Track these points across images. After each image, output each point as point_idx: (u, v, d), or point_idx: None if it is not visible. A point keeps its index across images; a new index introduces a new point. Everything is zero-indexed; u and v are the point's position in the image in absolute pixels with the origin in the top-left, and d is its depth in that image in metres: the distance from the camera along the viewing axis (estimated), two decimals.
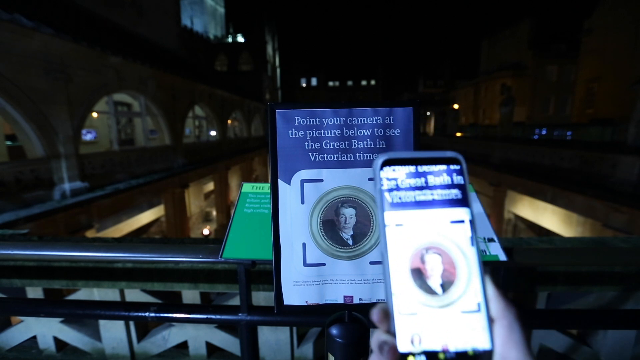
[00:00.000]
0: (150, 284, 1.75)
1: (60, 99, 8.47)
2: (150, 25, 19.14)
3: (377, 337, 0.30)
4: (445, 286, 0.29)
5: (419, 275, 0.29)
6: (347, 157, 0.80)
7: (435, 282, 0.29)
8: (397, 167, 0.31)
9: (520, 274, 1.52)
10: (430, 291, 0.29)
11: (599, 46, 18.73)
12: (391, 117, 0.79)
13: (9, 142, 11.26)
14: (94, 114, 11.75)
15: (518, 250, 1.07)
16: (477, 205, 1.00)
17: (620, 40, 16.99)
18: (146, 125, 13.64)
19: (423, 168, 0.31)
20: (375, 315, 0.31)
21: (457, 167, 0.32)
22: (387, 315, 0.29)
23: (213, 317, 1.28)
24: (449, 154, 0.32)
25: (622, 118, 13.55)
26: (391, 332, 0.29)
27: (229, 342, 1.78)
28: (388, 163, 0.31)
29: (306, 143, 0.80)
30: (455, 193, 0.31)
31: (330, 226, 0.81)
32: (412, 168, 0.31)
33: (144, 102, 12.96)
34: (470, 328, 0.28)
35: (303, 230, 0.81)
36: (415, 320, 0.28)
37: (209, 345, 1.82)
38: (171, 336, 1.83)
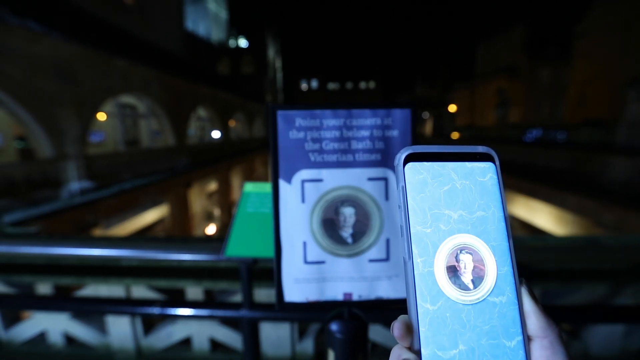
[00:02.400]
0: (155, 280, 1.79)
1: (68, 101, 8.62)
2: (155, 29, 19.26)
3: (397, 355, 0.27)
4: (476, 282, 0.28)
5: (453, 272, 0.28)
6: (346, 158, 0.81)
7: (467, 278, 0.28)
8: (424, 163, 0.29)
9: None
10: (462, 287, 0.28)
11: (590, 50, 18.60)
12: (389, 119, 0.80)
13: (22, 145, 11.41)
14: (102, 116, 11.86)
15: None
16: None
17: (611, 44, 16.87)
18: (151, 126, 13.76)
19: (452, 164, 0.29)
20: (396, 329, 0.27)
21: (488, 163, 0.30)
22: (410, 329, 0.27)
23: (216, 313, 1.32)
24: (480, 149, 0.30)
25: (613, 120, 13.54)
26: (414, 350, 0.26)
27: (231, 338, 1.82)
28: (412, 158, 0.29)
29: (306, 144, 0.81)
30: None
31: (330, 225, 0.82)
32: (439, 164, 0.29)
33: (149, 104, 13.09)
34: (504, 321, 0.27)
35: (303, 229, 0.82)
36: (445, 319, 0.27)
37: (212, 341, 1.87)
38: (175, 331, 1.87)
